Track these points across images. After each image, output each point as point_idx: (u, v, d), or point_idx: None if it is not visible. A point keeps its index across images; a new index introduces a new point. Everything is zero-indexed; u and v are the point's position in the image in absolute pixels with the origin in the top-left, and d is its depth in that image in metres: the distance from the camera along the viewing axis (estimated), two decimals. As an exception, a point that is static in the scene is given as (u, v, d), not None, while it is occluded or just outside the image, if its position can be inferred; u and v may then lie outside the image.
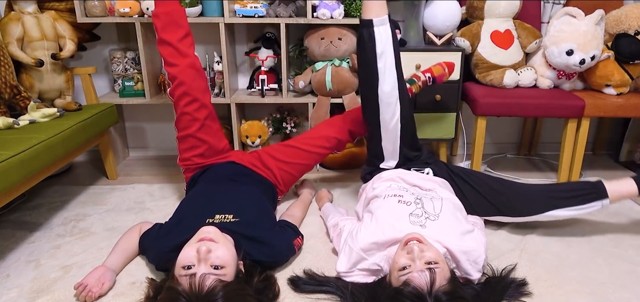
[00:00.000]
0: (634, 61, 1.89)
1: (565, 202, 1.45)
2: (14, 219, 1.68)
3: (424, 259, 1.07)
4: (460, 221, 1.33)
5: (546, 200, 1.47)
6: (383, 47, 1.41)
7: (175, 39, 1.56)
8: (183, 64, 1.55)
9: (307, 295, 1.23)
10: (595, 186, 1.46)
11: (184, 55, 1.57)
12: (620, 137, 2.43)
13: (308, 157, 1.71)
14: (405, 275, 1.05)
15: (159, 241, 1.30)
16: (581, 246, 1.51)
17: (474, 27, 2.01)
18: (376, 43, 1.40)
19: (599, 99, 1.89)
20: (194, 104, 1.55)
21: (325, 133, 1.73)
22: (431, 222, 1.26)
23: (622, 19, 1.94)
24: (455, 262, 1.20)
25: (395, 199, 1.34)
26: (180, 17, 1.60)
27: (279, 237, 1.36)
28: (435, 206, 1.32)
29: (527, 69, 1.99)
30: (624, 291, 1.28)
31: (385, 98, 1.45)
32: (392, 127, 1.50)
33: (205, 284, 1.00)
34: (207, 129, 1.59)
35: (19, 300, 1.22)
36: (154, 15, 1.58)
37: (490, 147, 2.53)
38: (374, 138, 1.55)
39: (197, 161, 1.61)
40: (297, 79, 2.07)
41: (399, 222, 1.26)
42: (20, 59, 1.77)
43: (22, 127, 1.61)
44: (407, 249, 1.11)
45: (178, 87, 1.54)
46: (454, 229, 1.26)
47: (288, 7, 1.97)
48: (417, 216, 1.27)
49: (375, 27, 1.40)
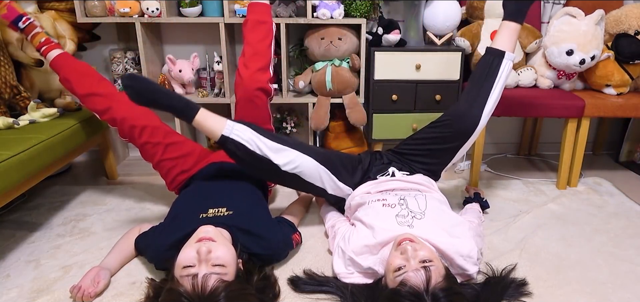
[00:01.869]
0: (634, 61, 1.89)
1: (484, 87, 1.46)
2: (14, 219, 1.69)
3: (418, 258, 1.08)
4: (448, 215, 1.34)
5: (473, 101, 1.46)
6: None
7: (93, 87, 1.57)
8: (114, 102, 1.55)
9: (307, 295, 1.23)
10: (490, 53, 1.49)
11: (109, 94, 1.57)
12: (620, 137, 2.43)
13: None
14: (401, 275, 1.06)
15: (156, 239, 1.30)
16: (581, 246, 1.51)
17: (474, 27, 2.01)
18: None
19: (599, 99, 1.89)
20: (146, 131, 1.53)
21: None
22: (418, 221, 1.26)
23: (622, 19, 1.94)
24: (448, 260, 1.20)
25: (379, 203, 1.35)
26: (84, 69, 1.62)
27: (276, 230, 1.37)
28: (420, 203, 1.33)
29: (527, 69, 2.00)
30: (624, 291, 1.28)
31: (290, 171, 1.39)
32: (321, 185, 1.45)
33: (208, 284, 1.00)
34: (172, 147, 1.57)
35: (19, 300, 1.22)
36: (62, 80, 1.61)
37: (490, 147, 2.54)
38: (323, 196, 1.51)
39: (183, 177, 1.59)
40: (297, 79, 2.07)
41: (386, 224, 1.26)
42: (20, 59, 1.77)
43: (22, 127, 1.62)
44: (401, 250, 1.11)
45: (123, 124, 1.53)
46: (441, 224, 1.27)
47: (288, 7, 1.98)
48: (403, 216, 1.28)
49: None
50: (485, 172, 2.23)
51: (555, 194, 1.95)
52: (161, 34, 2.23)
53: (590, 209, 1.80)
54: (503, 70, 1.46)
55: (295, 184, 1.45)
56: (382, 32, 1.96)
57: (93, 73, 1.62)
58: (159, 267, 1.28)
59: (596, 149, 2.57)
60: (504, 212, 1.76)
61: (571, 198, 1.91)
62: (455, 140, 1.49)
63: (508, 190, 1.99)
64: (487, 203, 1.75)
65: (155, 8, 1.91)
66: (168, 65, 2.05)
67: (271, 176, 1.44)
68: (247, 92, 1.55)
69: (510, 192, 1.97)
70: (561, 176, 1.99)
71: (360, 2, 1.93)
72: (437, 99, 1.95)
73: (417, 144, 1.55)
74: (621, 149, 2.42)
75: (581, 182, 2.08)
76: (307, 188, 1.45)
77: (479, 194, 1.77)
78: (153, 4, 1.91)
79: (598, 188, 2.03)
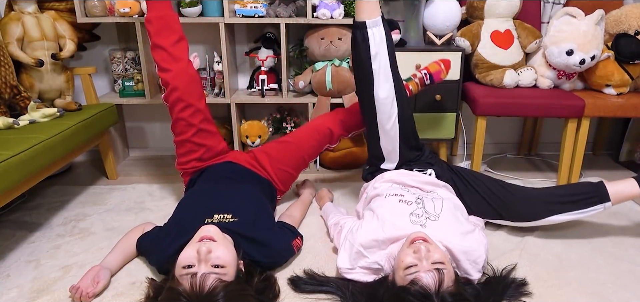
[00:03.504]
0: (634, 61, 1.89)
1: (566, 206, 1.45)
2: (14, 219, 1.69)
3: (431, 259, 1.07)
4: (461, 222, 1.33)
5: (547, 205, 1.47)
6: (377, 48, 1.41)
7: (168, 43, 1.56)
8: (176, 69, 1.55)
9: (307, 295, 1.24)
10: (597, 189, 1.45)
11: (177, 59, 1.56)
12: (621, 137, 2.44)
13: (301, 151, 1.69)
14: (412, 274, 1.06)
15: (160, 245, 1.30)
16: (581, 246, 1.52)
17: (474, 27, 2.02)
18: (370, 45, 1.40)
19: (599, 99, 1.89)
20: (189, 110, 1.55)
21: (316, 124, 1.73)
22: (431, 222, 1.26)
23: (622, 19, 1.95)
24: (455, 261, 1.21)
25: (396, 198, 1.35)
26: (173, 21, 1.60)
27: (278, 239, 1.37)
28: (436, 206, 1.33)
29: (527, 69, 2.00)
30: (624, 291, 1.28)
31: (381, 99, 1.45)
32: (389, 128, 1.50)
33: (206, 284, 1.01)
34: (203, 134, 1.59)
35: (19, 300, 1.22)
36: (147, 20, 1.58)
37: (490, 147, 2.55)
38: (373, 139, 1.55)
39: (194, 164, 1.61)
40: (297, 79, 2.08)
41: (399, 220, 1.26)
42: (21, 59, 1.78)
43: (22, 127, 1.62)
44: (414, 248, 1.11)
45: (172, 93, 1.54)
46: (454, 229, 1.27)
47: (288, 7, 1.99)
48: (418, 215, 1.28)
49: (368, 28, 1.40)
50: (485, 172, 2.21)
51: (556, 194, 1.95)
52: (161, 34, 2.24)
53: (590, 209, 1.81)
54: (594, 211, 1.44)
55: (368, 113, 1.51)
56: (382, 32, 1.96)
57: (176, 30, 1.60)
58: (162, 271, 1.29)
59: (596, 149, 2.57)
60: (504, 212, 1.76)
61: (571, 198, 1.91)
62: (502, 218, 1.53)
63: (508, 190, 2.00)
64: None
65: (156, 8, 1.91)
66: (168, 65, 2.05)
67: (362, 88, 1.50)
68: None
69: (510, 192, 1.97)
70: (561, 176, 1.99)
71: (360, 2, 1.94)
72: (437, 99, 1.95)
73: (473, 181, 1.56)
74: (621, 149, 2.43)
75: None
76: (372, 126, 1.52)
77: None
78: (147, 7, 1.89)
79: (598, 188, 2.04)
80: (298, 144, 1.70)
